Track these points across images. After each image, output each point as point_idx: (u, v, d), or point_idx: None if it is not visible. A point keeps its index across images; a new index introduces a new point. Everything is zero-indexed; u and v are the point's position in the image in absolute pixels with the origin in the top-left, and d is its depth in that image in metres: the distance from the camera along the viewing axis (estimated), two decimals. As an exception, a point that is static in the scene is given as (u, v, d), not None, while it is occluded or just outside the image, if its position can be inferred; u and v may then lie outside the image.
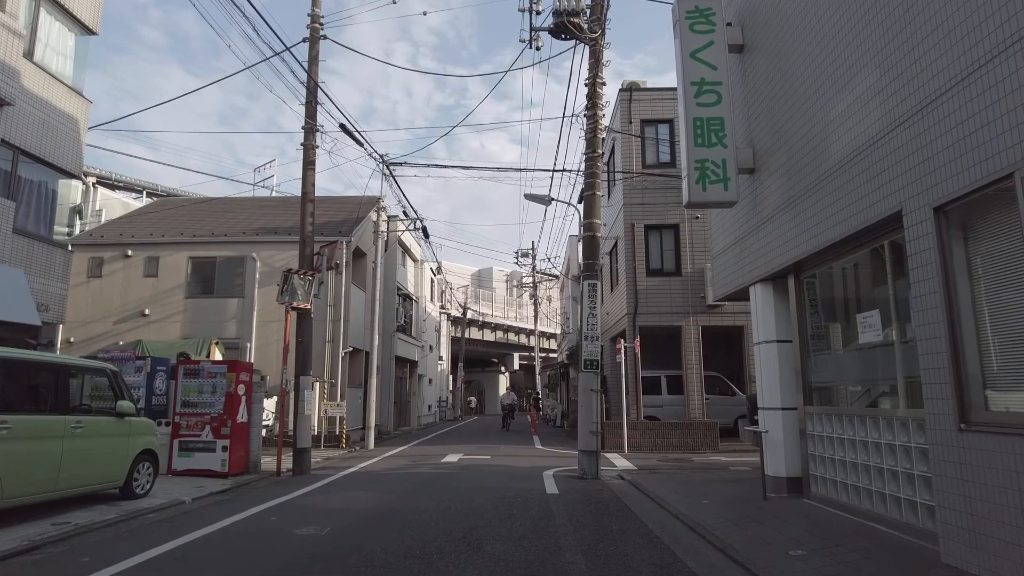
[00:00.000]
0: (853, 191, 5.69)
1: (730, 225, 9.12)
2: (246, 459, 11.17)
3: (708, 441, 15.47)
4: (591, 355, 10.51)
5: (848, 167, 5.80)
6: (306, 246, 12.11)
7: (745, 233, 8.48)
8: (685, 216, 17.15)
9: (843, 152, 5.89)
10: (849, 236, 5.80)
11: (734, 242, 8.91)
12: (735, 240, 8.87)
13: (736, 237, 8.82)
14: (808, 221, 6.62)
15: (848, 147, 5.80)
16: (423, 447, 16.99)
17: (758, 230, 8.05)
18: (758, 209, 8.05)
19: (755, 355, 8.27)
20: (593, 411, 10.35)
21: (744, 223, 8.52)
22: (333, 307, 18.03)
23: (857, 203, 5.61)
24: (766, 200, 7.82)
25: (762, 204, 7.94)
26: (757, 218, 8.07)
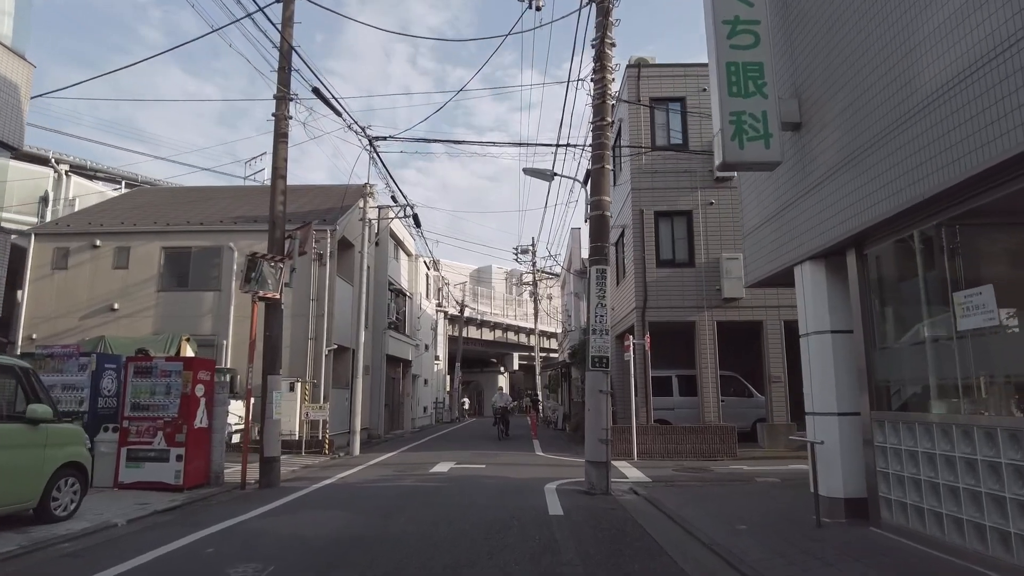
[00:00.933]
0: (955, 128, 4.31)
1: (766, 195, 7.73)
2: (206, 470, 9.79)
3: (726, 447, 14.08)
4: (600, 351, 9.13)
5: (947, 98, 4.42)
6: (276, 228, 10.74)
7: (788, 202, 7.09)
8: (699, 202, 15.78)
9: (940, 79, 4.50)
10: (950, 189, 4.41)
11: (773, 215, 7.52)
12: (774, 212, 7.48)
13: (775, 209, 7.43)
14: (878, 180, 5.24)
15: (949, 70, 4.41)
16: (413, 454, 15.61)
17: (805, 197, 6.66)
18: (805, 172, 6.66)
19: (802, 349, 6.88)
20: (603, 416, 8.96)
21: (786, 191, 7.13)
22: (316, 301, 16.65)
23: (962, 144, 4.23)
24: (816, 160, 6.43)
25: (811, 165, 6.55)
26: (804, 183, 6.68)
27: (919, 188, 4.67)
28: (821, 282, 6.47)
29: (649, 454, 13.87)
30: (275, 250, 10.61)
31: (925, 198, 4.59)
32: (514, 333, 48.08)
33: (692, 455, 13.96)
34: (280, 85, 11.01)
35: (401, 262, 25.21)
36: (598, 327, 9.20)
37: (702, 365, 15.17)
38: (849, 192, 5.74)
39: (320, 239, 16.94)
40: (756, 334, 15.87)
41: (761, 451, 14.63)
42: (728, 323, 15.44)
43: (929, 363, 5.27)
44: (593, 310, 9.27)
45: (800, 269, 6.80)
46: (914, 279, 5.53)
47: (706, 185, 15.89)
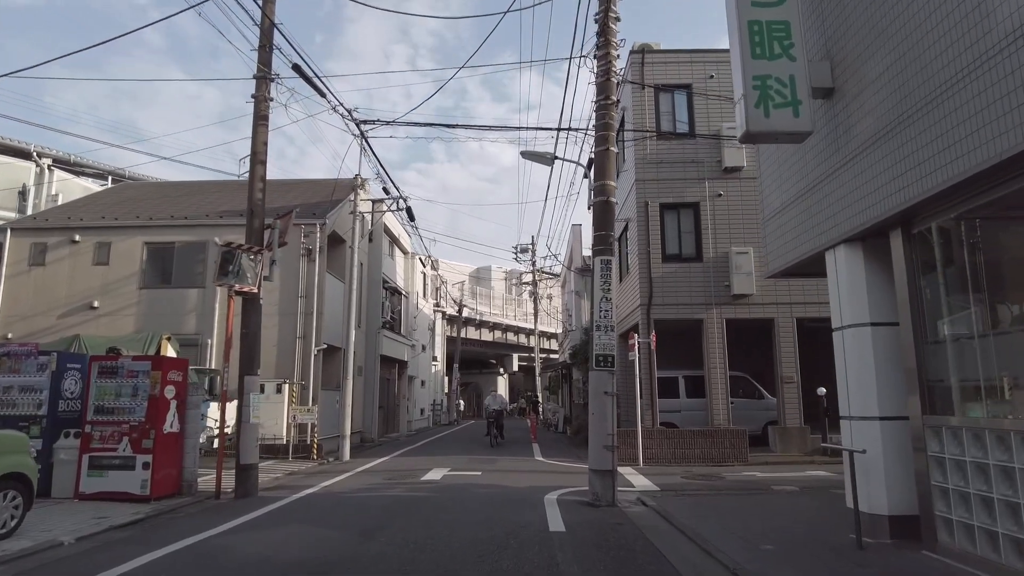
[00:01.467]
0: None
1: (791, 173, 6.96)
2: (177, 478, 9.01)
3: (736, 452, 13.30)
4: (604, 349, 8.35)
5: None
6: (255, 217, 9.96)
7: (818, 180, 6.31)
8: (706, 193, 15.00)
9: (1020, 16, 3.72)
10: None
11: (799, 195, 6.75)
12: (801, 192, 6.70)
13: (802, 188, 6.66)
14: (934, 145, 4.47)
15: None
16: (406, 459, 14.81)
17: (839, 172, 5.89)
18: (839, 143, 5.89)
19: (836, 346, 6.09)
20: (608, 420, 8.18)
21: (815, 167, 6.36)
22: (305, 299, 15.87)
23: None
24: (853, 129, 5.65)
25: (846, 136, 5.78)
26: (838, 156, 5.91)
27: (992, 148, 3.90)
28: (858, 268, 5.69)
29: (656, 459, 13.09)
30: (254, 240, 9.84)
31: (1001, 159, 3.81)
32: (514, 334, 47.30)
33: (701, 460, 13.19)
34: (260, 64, 10.26)
35: (396, 260, 24.44)
36: (603, 323, 8.42)
37: (711, 365, 14.38)
38: (895, 163, 4.97)
39: (309, 234, 16.19)
40: (767, 332, 15.09)
41: (773, 456, 13.85)
42: (737, 321, 14.66)
43: (1000, 358, 4.48)
44: (597, 304, 8.49)
45: (833, 254, 6.03)
46: (977, 260, 4.74)
47: (714, 176, 15.12)
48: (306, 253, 16.09)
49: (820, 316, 14.85)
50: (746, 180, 15.11)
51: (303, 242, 16.09)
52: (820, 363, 17.92)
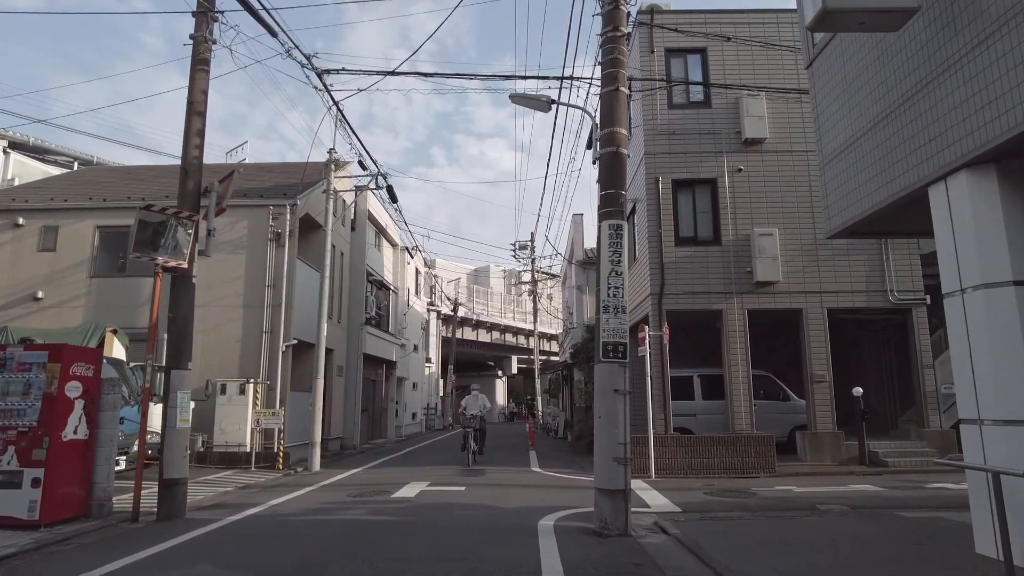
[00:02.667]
0: None
1: (870, 88, 5.22)
2: (83, 497, 7.26)
3: (762, 461, 11.54)
4: (614, 335, 6.61)
5: None
6: (189, 178, 8.21)
7: (919, 85, 4.57)
8: (725, 168, 13.27)
9: None
10: None
11: (882, 116, 5.01)
12: (886, 111, 4.96)
13: (889, 104, 4.92)
14: None
15: None
16: (383, 469, 13.04)
17: (962, 64, 4.15)
18: (964, 20, 4.14)
19: (952, 316, 4.34)
20: (619, 425, 6.43)
21: (916, 67, 4.63)
22: (273, 288, 14.14)
23: None
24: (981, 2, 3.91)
25: (976, 5, 4.03)
26: (959, 40, 4.17)
27: None
28: (991, 202, 3.97)
29: (669, 470, 11.34)
30: (187, 205, 8.09)
31: None
32: (512, 335, 45.56)
33: (721, 471, 11.44)
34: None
35: (384, 252, 22.73)
36: (612, 303, 6.68)
37: (731, 362, 12.62)
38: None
39: (278, 216, 14.49)
40: (792, 326, 13.35)
41: (803, 465, 12.10)
42: (761, 312, 12.90)
43: None
44: (605, 280, 6.75)
45: (943, 189, 4.30)
46: None
47: (733, 148, 13.40)
48: (274, 238, 14.38)
49: (854, 307, 13.13)
50: (769, 154, 13.41)
51: (271, 225, 14.40)
52: (852, 360, 16.17)
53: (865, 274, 12.94)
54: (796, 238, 13.05)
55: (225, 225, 14.57)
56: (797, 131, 13.47)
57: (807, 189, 13.23)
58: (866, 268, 12.97)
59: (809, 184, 13.23)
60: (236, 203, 14.84)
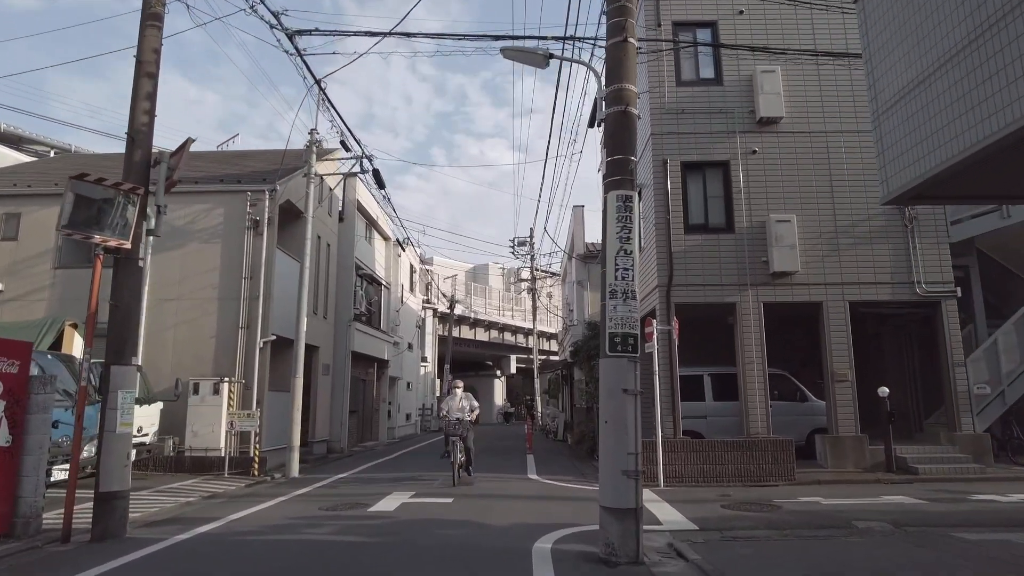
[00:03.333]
0: None
1: (944, 16, 4.16)
2: (5, 514, 6.25)
3: (781, 468, 10.54)
4: (623, 325, 5.59)
5: None
6: (137, 147, 7.21)
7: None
8: (738, 150, 12.26)
9: None
10: None
11: (979, 32, 3.93)
12: (970, 36, 3.90)
13: (975, 27, 3.86)
14: None
15: None
16: (367, 476, 12.03)
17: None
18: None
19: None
20: (629, 431, 5.41)
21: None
22: (251, 280, 13.12)
23: None
24: None
25: None
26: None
27: None
28: None
29: (679, 477, 10.33)
30: (134, 178, 7.08)
31: None
32: (511, 333, 44.51)
33: (736, 478, 10.44)
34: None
35: (376, 246, 21.71)
36: (620, 287, 5.66)
37: (745, 360, 11.60)
38: None
39: (256, 202, 13.47)
40: (810, 320, 12.35)
41: (824, 472, 11.10)
42: (777, 305, 11.89)
43: None
44: (612, 260, 5.73)
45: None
46: None
47: (747, 129, 12.38)
48: (252, 226, 13.36)
49: (877, 299, 12.11)
50: (785, 134, 12.39)
51: (249, 212, 13.38)
52: (871, 357, 15.10)
53: (890, 264, 11.92)
54: (815, 225, 12.04)
55: (200, 213, 13.59)
56: (815, 110, 12.46)
57: (827, 172, 12.22)
58: (891, 258, 11.95)
59: (829, 167, 12.23)
60: (211, 188, 13.90)
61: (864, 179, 12.14)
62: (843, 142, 12.32)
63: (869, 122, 12.65)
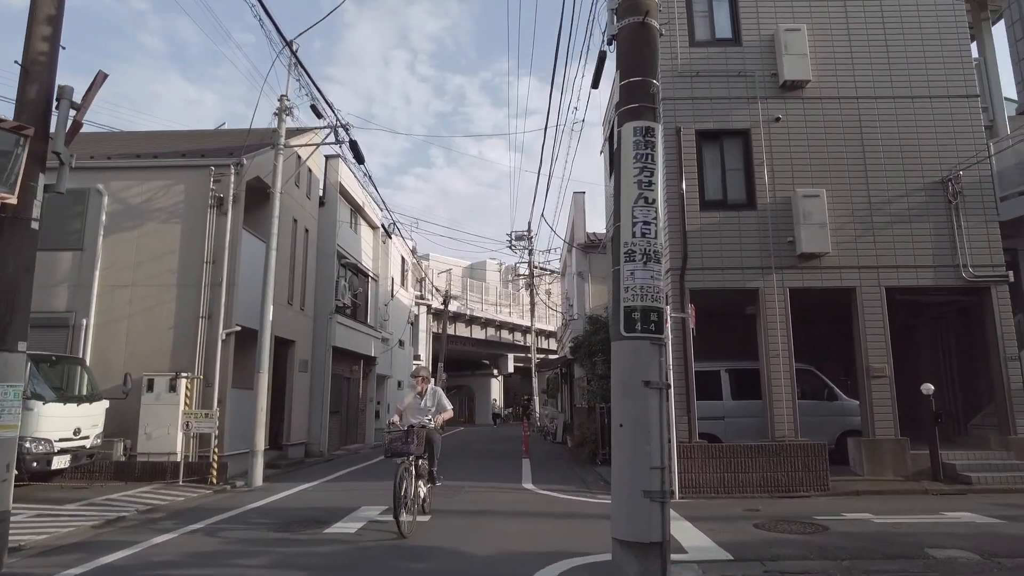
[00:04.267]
0: None
1: None
2: None
3: (813, 476, 9.20)
4: (645, 295, 4.20)
5: None
6: (32, 81, 5.76)
7: None
8: (760, 117, 10.89)
9: None
10: None
11: None
12: None
13: None
14: None
15: None
16: (340, 485, 10.65)
17: None
18: None
19: None
20: (653, 439, 4.02)
21: None
22: (213, 264, 11.74)
23: None
24: None
25: None
26: None
27: None
28: None
29: (697, 488, 8.97)
30: (26, 117, 5.66)
31: None
32: (508, 331, 43.14)
33: (761, 488, 9.10)
34: None
35: (363, 235, 20.30)
36: (640, 246, 4.27)
37: (770, 353, 10.23)
38: None
39: (221, 178, 12.08)
40: (836, 309, 11.00)
41: (860, 480, 9.75)
42: (805, 291, 10.52)
43: None
44: (628, 211, 4.35)
45: None
46: None
47: (770, 94, 11.01)
48: (216, 204, 11.97)
49: (917, 285, 10.73)
50: (812, 100, 11.02)
51: (213, 189, 11.99)
52: (907, 351, 13.69)
53: (932, 246, 10.55)
54: (847, 201, 10.67)
55: (158, 190, 12.21)
56: (846, 73, 11.09)
57: (858, 142, 10.85)
58: (932, 238, 10.57)
59: (861, 136, 10.86)
60: (171, 163, 12.54)
61: (901, 150, 10.80)
62: (877, 109, 10.96)
63: (905, 87, 11.56)
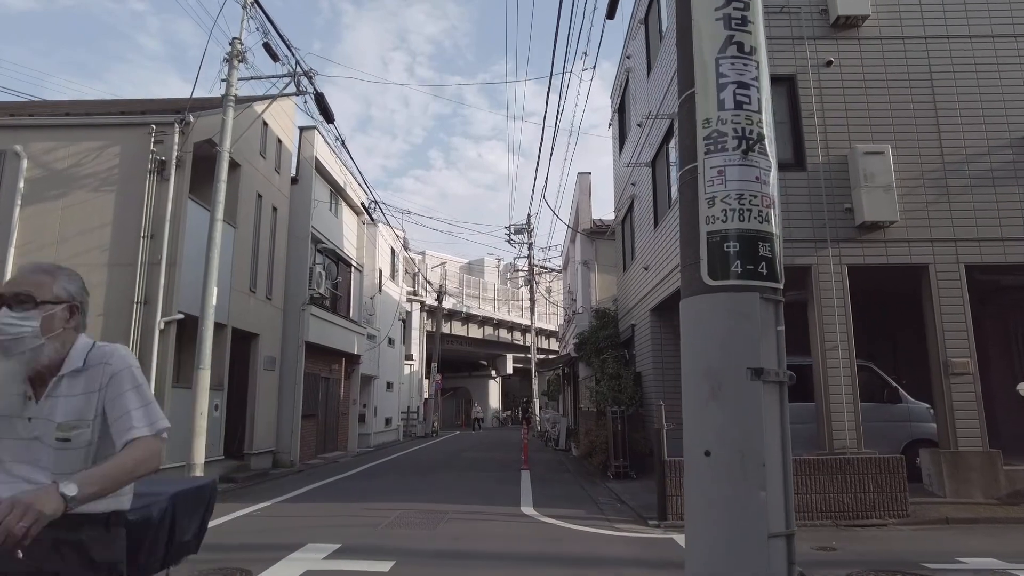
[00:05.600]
0: None
1: None
2: None
3: (887, 498, 7.32)
4: (742, 213, 2.30)
5: None
6: None
7: None
8: (808, 61, 8.99)
9: None
10: None
11: None
12: None
13: None
14: None
15: None
16: (299, 507, 8.69)
17: None
18: None
19: None
20: (770, 478, 2.09)
21: None
22: (152, 240, 9.81)
23: None
24: None
25: None
26: None
27: None
28: None
29: (744, 515, 6.99)
30: None
31: None
32: (507, 330, 41.22)
33: (823, 512, 7.23)
34: None
35: (344, 219, 18.37)
36: (732, 124, 2.36)
37: (825, 345, 8.31)
38: None
39: (163, 138, 10.15)
40: (912, 290, 9.11)
41: (945, 503, 7.81)
42: (866, 269, 8.61)
43: None
44: (708, 63, 2.45)
45: None
46: None
47: (820, 33, 9.13)
48: (157, 169, 10.04)
49: (1005, 262, 8.82)
50: (871, 40, 9.15)
51: (153, 151, 10.07)
52: (997, 341, 11.63)
53: (1022, 214, 8.65)
54: (915, 161, 8.78)
55: (89, 152, 10.29)
56: (911, 7, 9.21)
57: (928, 91, 8.96)
58: (1022, 204, 8.68)
59: (931, 84, 8.97)
60: (105, 122, 10.61)
61: (980, 100, 8.93)
62: (951, 50, 9.08)
63: (985, 23, 9.65)
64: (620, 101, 15.54)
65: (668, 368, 11.65)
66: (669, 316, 11.73)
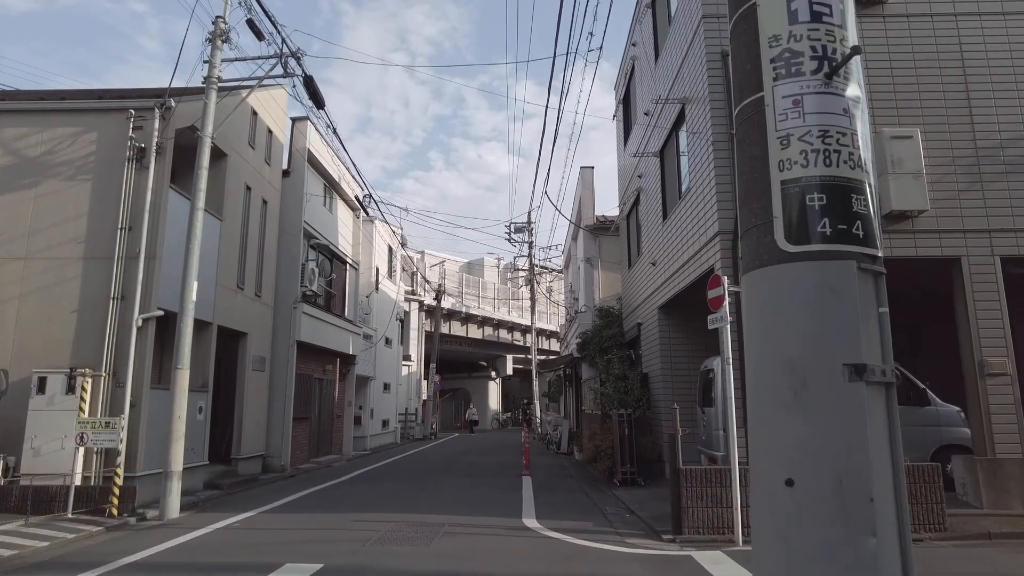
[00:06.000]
0: None
1: None
2: None
3: (922, 511, 6.72)
4: (827, 156, 1.71)
5: None
6: None
7: None
8: (830, 39, 8.35)
9: None
10: None
11: None
12: None
13: None
14: None
15: None
16: (282, 518, 8.08)
17: None
18: None
19: None
20: (881, 520, 1.50)
21: None
22: (130, 232, 9.21)
23: None
24: None
25: None
26: None
27: None
28: None
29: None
30: None
31: None
32: (507, 331, 40.58)
33: (854, 529, 6.49)
34: None
35: (339, 215, 17.76)
36: (807, 41, 1.76)
37: (851, 343, 7.68)
38: None
39: (142, 124, 9.55)
40: (943, 285, 8.52)
41: (981, 515, 7.23)
42: (893, 263, 7.99)
43: None
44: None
45: None
46: None
47: (843, 9, 8.50)
48: (136, 156, 9.44)
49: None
50: (897, 18, 8.57)
51: (132, 138, 9.46)
52: None
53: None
54: (946, 147, 8.20)
55: (63, 139, 9.69)
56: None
57: (959, 71, 8.38)
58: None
59: (962, 64, 8.39)
60: (80, 106, 10.01)
61: (1015, 80, 8.34)
62: (982, 28, 8.50)
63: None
64: (625, 91, 14.95)
65: (677, 369, 11.07)
66: (678, 314, 11.15)
